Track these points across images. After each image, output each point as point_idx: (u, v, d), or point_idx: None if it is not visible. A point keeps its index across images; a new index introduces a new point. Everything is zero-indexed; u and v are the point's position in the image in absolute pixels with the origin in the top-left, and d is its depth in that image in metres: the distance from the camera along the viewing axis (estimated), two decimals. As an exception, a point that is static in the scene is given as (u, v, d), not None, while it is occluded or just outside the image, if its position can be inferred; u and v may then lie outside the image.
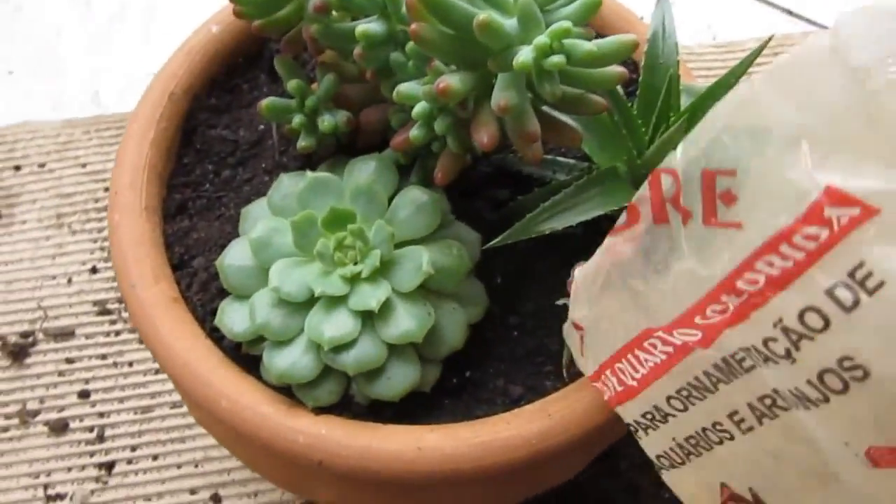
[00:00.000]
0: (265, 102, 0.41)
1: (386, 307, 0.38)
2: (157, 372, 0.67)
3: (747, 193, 0.27)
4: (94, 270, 0.72)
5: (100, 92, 0.84)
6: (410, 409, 0.40)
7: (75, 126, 0.80)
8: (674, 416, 0.34)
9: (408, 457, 0.37)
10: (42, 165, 0.78)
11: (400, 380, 0.38)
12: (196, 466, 0.63)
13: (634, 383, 0.34)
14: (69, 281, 0.71)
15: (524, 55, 0.30)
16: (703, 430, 0.33)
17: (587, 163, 0.45)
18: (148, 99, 0.47)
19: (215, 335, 0.42)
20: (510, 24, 0.32)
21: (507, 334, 0.43)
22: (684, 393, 0.32)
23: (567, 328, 0.40)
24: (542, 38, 0.30)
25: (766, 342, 0.27)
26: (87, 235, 0.74)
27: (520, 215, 0.43)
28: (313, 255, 0.39)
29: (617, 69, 0.35)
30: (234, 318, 0.39)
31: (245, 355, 0.41)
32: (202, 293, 0.43)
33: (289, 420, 0.38)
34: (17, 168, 0.77)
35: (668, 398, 0.33)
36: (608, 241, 0.33)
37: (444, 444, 0.37)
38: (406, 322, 0.38)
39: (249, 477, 0.62)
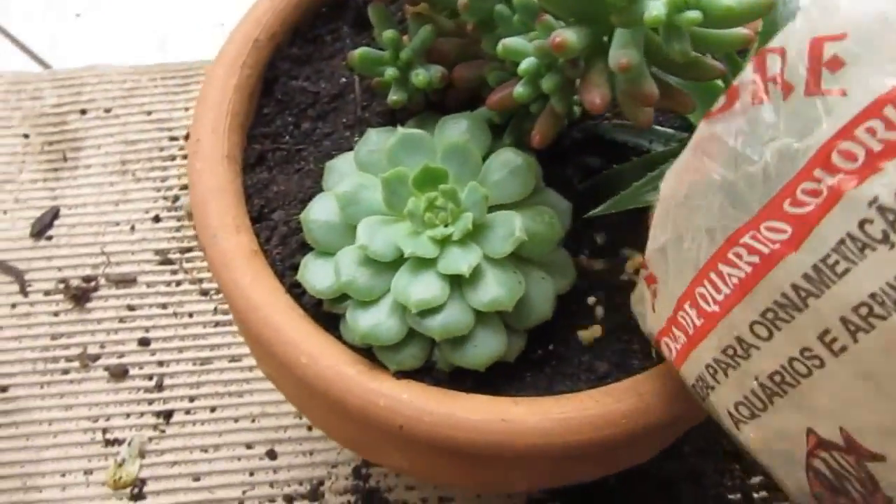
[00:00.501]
0: (358, 52, 0.40)
1: (475, 273, 0.37)
2: (216, 325, 0.67)
3: (856, 57, 0.25)
4: (156, 219, 0.72)
5: (167, 39, 0.83)
6: (492, 380, 0.39)
7: (141, 73, 0.79)
8: (757, 347, 0.30)
9: (492, 427, 0.36)
10: (108, 111, 0.77)
11: (486, 348, 0.37)
12: (253, 421, 0.63)
13: (716, 308, 0.31)
14: (132, 228, 0.71)
15: (657, 9, 0.28)
16: (790, 360, 0.29)
17: (687, 133, 0.43)
18: (232, 43, 0.46)
19: (294, 291, 0.40)
20: (638, -24, 0.30)
21: (593, 309, 0.41)
22: (770, 315, 0.29)
23: (637, 293, 0.37)
24: (677, -8, 0.28)
25: (861, 225, 0.25)
26: (150, 184, 0.73)
27: (614, 185, 0.41)
28: (402, 214, 0.38)
29: (744, 31, 0.32)
30: (318, 275, 0.38)
31: (324, 313, 0.40)
32: (282, 247, 0.42)
33: (371, 382, 0.37)
34: (83, 112, 0.77)
35: (752, 324, 0.30)
36: (699, 129, 0.31)
37: (529, 417, 0.36)
38: (496, 289, 0.37)
39: (305, 435, 0.62)
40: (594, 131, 0.45)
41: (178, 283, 0.69)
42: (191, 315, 0.67)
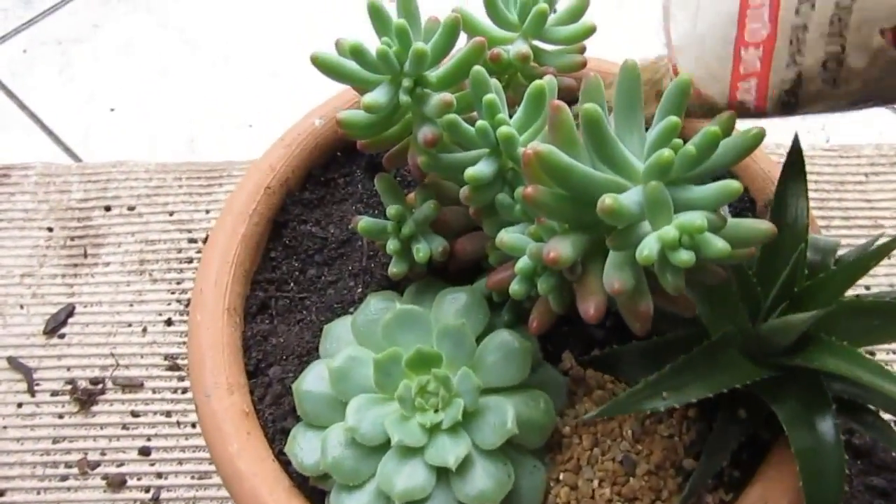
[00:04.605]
0: (361, 224, 0.40)
1: (464, 463, 0.36)
2: (217, 436, 0.66)
3: None
4: (168, 322, 0.72)
5: (196, 138, 0.85)
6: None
7: (168, 171, 0.81)
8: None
9: None
10: (131, 209, 0.78)
11: (471, 543, 0.36)
12: (245, 543, 0.61)
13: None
14: (144, 330, 0.72)
15: (649, 248, 0.27)
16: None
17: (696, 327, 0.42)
18: (243, 191, 0.47)
19: (283, 457, 0.40)
20: (634, 199, 0.30)
21: (586, 492, 0.40)
22: None
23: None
24: (670, 231, 0.27)
25: None
26: (166, 285, 0.74)
27: (614, 366, 0.41)
28: (394, 395, 0.37)
29: (746, 251, 0.31)
30: (305, 450, 0.38)
31: (311, 485, 0.39)
32: (274, 407, 0.42)
33: (349, 571, 0.36)
34: (108, 209, 0.78)
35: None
36: None
37: None
38: (483, 482, 0.36)
39: (297, 562, 0.61)
40: (599, 300, 0.44)
41: (185, 391, 0.68)
42: (193, 425, 0.67)
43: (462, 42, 0.38)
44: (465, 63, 0.37)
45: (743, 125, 0.34)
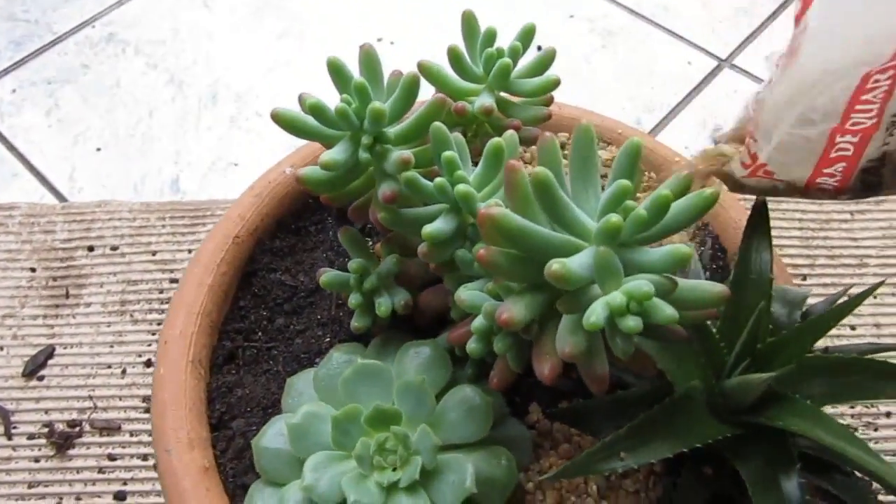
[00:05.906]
0: (324, 278, 0.40)
1: (422, 523, 0.35)
2: (194, 481, 0.65)
3: None
4: (148, 364, 0.71)
5: (180, 177, 0.85)
6: None
7: (151, 211, 0.81)
8: None
9: None
10: (114, 249, 0.78)
11: None
12: (219, 592, 0.60)
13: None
14: (123, 372, 0.71)
15: (596, 315, 0.27)
16: None
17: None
18: (212, 241, 0.47)
19: (243, 514, 0.39)
20: (585, 262, 0.29)
21: (552, 551, 0.39)
22: None
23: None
24: (617, 297, 0.27)
25: None
26: (146, 326, 0.74)
27: (580, 419, 0.40)
28: (351, 453, 0.37)
29: (706, 312, 0.31)
30: (262, 509, 0.37)
31: (270, 542, 0.38)
32: (236, 461, 0.41)
33: None
34: (91, 249, 0.78)
35: None
36: None
37: None
38: (441, 543, 0.35)
39: None
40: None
41: (162, 434, 0.68)
42: (170, 470, 0.66)
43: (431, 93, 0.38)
44: (426, 119, 0.37)
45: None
